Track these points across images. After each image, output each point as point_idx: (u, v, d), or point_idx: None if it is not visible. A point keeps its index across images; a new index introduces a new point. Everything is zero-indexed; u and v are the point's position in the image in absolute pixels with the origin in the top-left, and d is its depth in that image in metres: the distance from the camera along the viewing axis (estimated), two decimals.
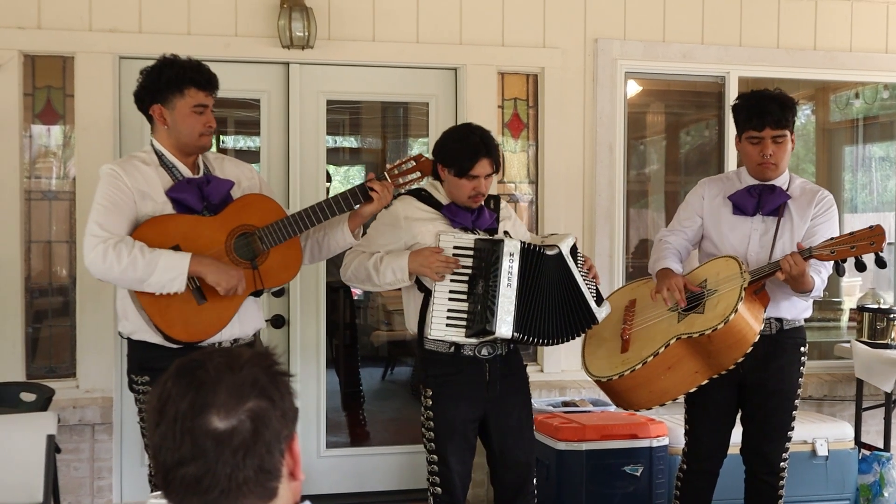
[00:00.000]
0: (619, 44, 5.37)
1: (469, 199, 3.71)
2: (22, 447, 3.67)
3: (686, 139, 7.16)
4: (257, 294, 3.54)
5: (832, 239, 3.68)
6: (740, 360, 3.67)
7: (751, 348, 3.65)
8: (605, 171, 5.36)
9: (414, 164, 3.69)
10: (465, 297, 3.63)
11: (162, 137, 3.49)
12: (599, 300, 3.72)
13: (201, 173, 3.52)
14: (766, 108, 3.85)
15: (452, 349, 3.68)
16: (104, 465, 4.80)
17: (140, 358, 3.47)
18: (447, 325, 3.63)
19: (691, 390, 3.78)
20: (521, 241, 3.61)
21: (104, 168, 3.43)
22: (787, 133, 3.87)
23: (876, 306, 5.52)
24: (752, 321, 3.66)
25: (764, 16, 5.56)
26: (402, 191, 3.77)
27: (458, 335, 3.63)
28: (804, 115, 7.08)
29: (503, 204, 3.93)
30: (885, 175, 6.89)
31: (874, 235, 3.61)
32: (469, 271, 3.63)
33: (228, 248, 3.44)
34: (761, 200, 3.92)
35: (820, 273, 3.76)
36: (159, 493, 1.46)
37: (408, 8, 5.11)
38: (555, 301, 3.61)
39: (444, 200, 3.77)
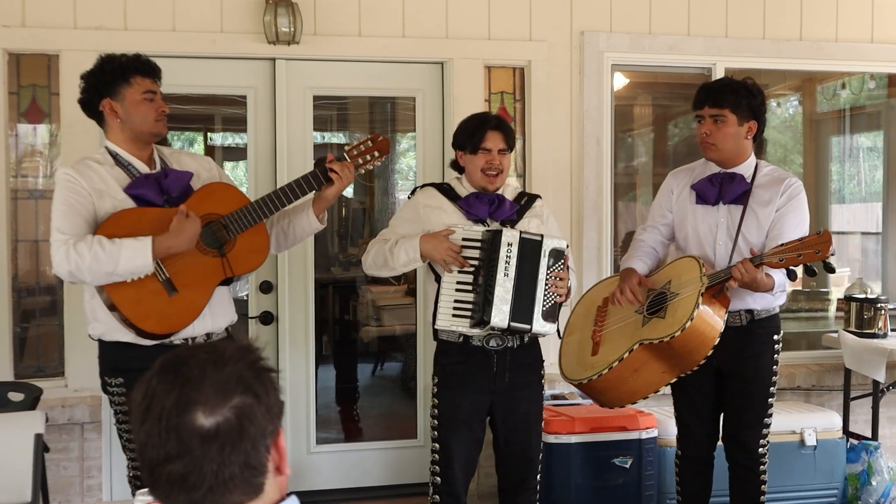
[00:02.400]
0: (605, 36, 5.37)
1: (484, 174, 3.74)
2: (10, 447, 3.66)
3: (674, 131, 7.18)
4: (227, 282, 3.54)
5: (781, 246, 3.67)
6: (702, 362, 3.73)
7: (712, 351, 3.69)
8: (593, 164, 5.36)
9: (371, 143, 3.71)
10: (470, 287, 3.66)
11: (115, 135, 3.46)
12: (549, 315, 3.65)
13: (158, 168, 3.50)
14: (708, 88, 3.95)
15: (462, 339, 3.71)
16: (94, 464, 4.79)
17: (112, 359, 3.46)
18: (453, 315, 3.67)
19: (662, 388, 3.85)
20: (521, 231, 3.63)
21: (59, 173, 3.41)
22: (727, 114, 3.88)
23: (863, 296, 5.54)
24: (712, 322, 3.70)
25: (750, 7, 5.56)
26: (362, 169, 3.76)
27: (463, 326, 3.66)
28: (792, 107, 7.11)
29: (539, 203, 3.92)
30: (872, 165, 6.92)
31: (820, 243, 3.59)
32: (477, 262, 3.67)
33: None
34: (722, 189, 3.95)
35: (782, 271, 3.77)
36: (146, 490, 1.46)
37: (394, 2, 5.11)
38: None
39: (463, 193, 3.80)
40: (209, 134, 7.22)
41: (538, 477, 3.89)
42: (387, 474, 5.33)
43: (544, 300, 3.63)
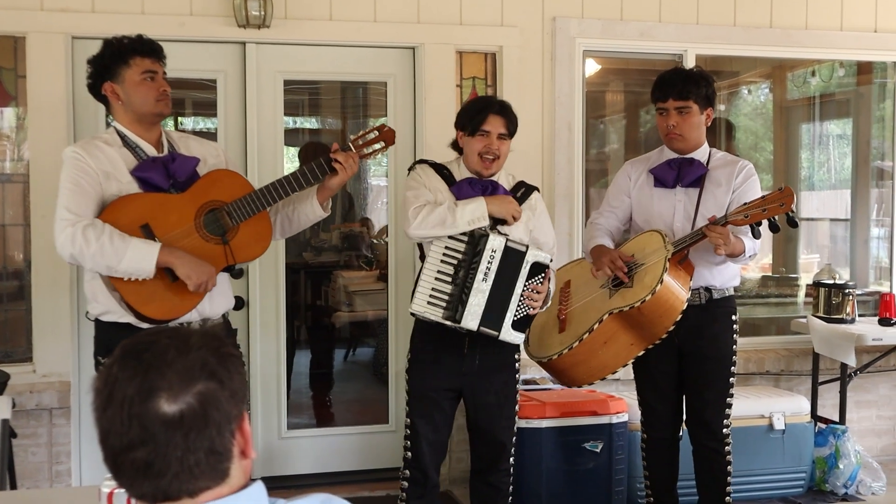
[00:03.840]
0: (576, 22, 5.37)
1: (480, 158, 3.75)
2: None
3: (646, 118, 7.19)
4: (229, 269, 3.53)
5: (745, 204, 3.83)
6: (671, 328, 3.82)
7: (680, 316, 3.80)
8: (564, 150, 5.37)
9: (377, 133, 3.71)
10: (450, 279, 3.67)
11: (120, 116, 3.46)
12: (519, 326, 3.68)
13: (165, 151, 3.50)
14: (669, 81, 4.02)
15: (433, 320, 3.72)
16: (62, 450, 4.76)
17: (109, 340, 3.43)
18: (428, 302, 3.68)
19: (629, 362, 3.94)
20: (507, 239, 3.65)
21: (67, 151, 3.40)
22: (692, 105, 4.00)
23: (832, 282, 5.59)
24: (678, 290, 3.81)
25: None
26: (367, 160, 3.76)
27: (435, 314, 3.67)
28: (762, 94, 7.14)
29: (535, 196, 3.92)
30: (841, 153, 6.97)
31: (783, 197, 3.76)
32: (459, 256, 3.68)
33: (198, 224, 3.42)
34: (681, 173, 4.07)
35: (747, 234, 3.88)
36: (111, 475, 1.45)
37: None
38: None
39: (458, 177, 3.81)
40: (179, 118, 7.16)
41: (511, 460, 3.92)
42: (358, 459, 5.33)
43: (517, 310, 3.66)
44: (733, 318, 4.10)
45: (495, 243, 3.62)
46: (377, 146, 3.71)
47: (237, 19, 4.82)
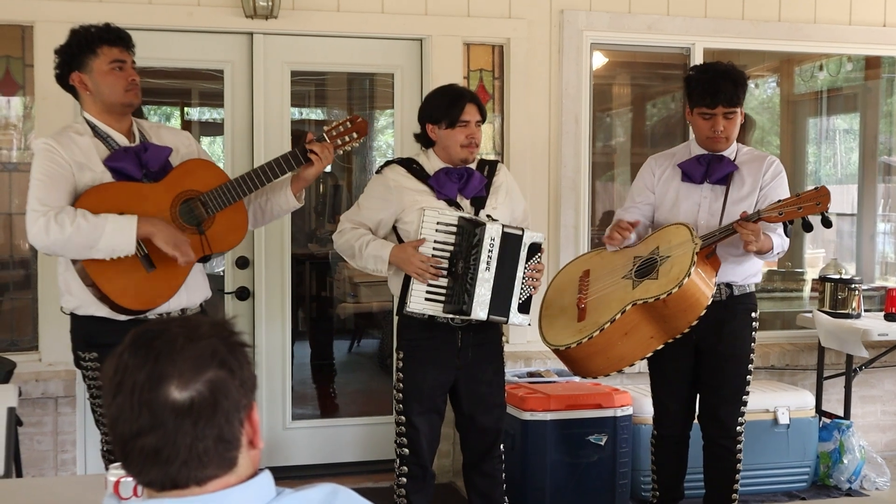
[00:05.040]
0: (584, 15, 5.36)
1: (463, 149, 3.76)
2: None
3: (652, 111, 7.18)
4: (205, 260, 3.52)
5: (780, 201, 3.79)
6: (694, 323, 3.75)
7: (704, 311, 3.73)
8: (571, 143, 5.36)
9: (350, 124, 3.72)
10: (444, 272, 3.67)
11: (90, 107, 3.42)
12: (524, 307, 3.71)
13: (137, 141, 3.47)
14: (719, 87, 3.91)
15: (427, 315, 3.72)
16: (67, 439, 4.77)
17: (86, 333, 3.42)
18: (426, 298, 3.68)
19: (647, 355, 3.86)
20: (503, 226, 3.65)
21: (38, 143, 3.37)
22: (738, 109, 3.97)
23: (838, 277, 5.58)
24: (704, 285, 3.75)
25: None
26: (341, 150, 3.75)
27: (435, 309, 3.68)
28: (769, 88, 7.12)
29: (500, 168, 3.95)
30: (848, 147, 6.95)
31: (820, 196, 3.72)
32: (451, 248, 3.67)
33: (174, 214, 3.40)
34: (709, 169, 4.02)
35: (776, 231, 3.85)
36: (118, 464, 1.45)
37: None
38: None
39: (431, 170, 3.80)
40: (186, 109, 7.17)
41: (501, 447, 3.93)
42: (362, 450, 5.35)
43: (520, 293, 3.68)
44: (753, 315, 4.05)
45: (493, 231, 3.61)
46: (350, 137, 3.71)
47: (245, 10, 4.82)
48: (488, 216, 3.74)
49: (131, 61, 3.44)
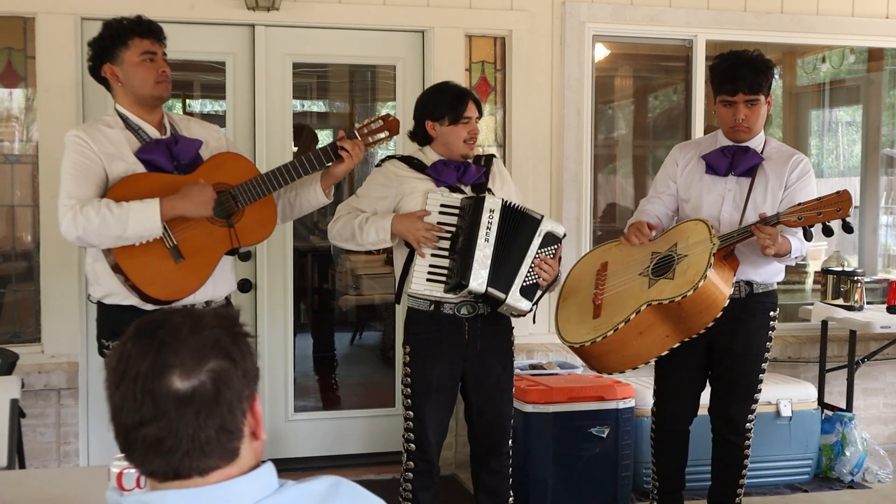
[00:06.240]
0: (586, 6, 5.35)
1: (465, 144, 3.78)
2: None
3: (654, 103, 7.17)
4: (233, 252, 3.54)
5: (800, 205, 3.70)
6: (710, 324, 3.69)
7: (721, 313, 3.67)
8: (573, 135, 5.36)
9: (382, 122, 3.72)
10: (447, 253, 3.66)
11: (121, 99, 3.45)
12: (527, 293, 3.66)
13: (168, 133, 3.49)
14: (738, 73, 3.84)
15: (433, 307, 3.71)
16: (70, 430, 4.77)
17: (112, 322, 3.43)
18: (427, 279, 3.67)
19: (663, 353, 3.80)
20: (503, 199, 3.65)
21: (69, 135, 3.38)
22: (762, 97, 3.87)
23: (840, 269, 5.58)
24: (721, 286, 3.68)
25: None
26: (373, 150, 3.79)
27: (436, 290, 3.66)
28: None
29: (495, 161, 3.96)
30: (851, 140, 6.94)
31: (841, 201, 3.62)
32: (454, 229, 3.67)
33: None
34: (734, 161, 3.94)
35: (796, 234, 3.78)
36: (122, 455, 1.45)
37: None
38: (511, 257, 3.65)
39: (429, 163, 3.80)
40: (187, 101, 7.16)
41: (510, 443, 3.91)
42: (364, 442, 5.35)
43: (526, 276, 3.64)
44: (772, 314, 3.98)
45: (492, 203, 3.61)
46: (382, 135, 3.72)
47: (246, 2, 4.81)
48: (489, 190, 3.77)
49: (162, 53, 3.46)
